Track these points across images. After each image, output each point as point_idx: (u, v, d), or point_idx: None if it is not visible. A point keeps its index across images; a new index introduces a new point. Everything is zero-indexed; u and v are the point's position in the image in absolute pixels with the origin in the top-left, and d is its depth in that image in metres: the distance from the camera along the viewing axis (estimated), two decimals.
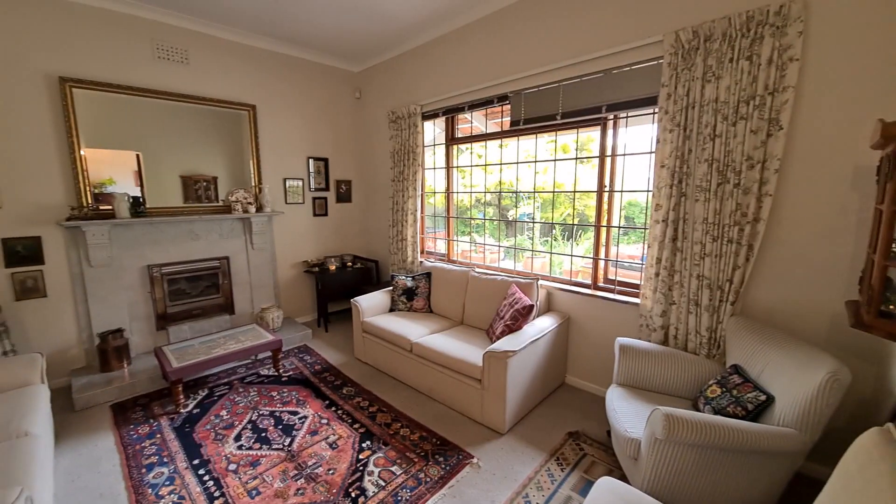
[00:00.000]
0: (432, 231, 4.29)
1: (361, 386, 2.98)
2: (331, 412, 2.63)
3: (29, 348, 2.87)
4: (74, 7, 2.88)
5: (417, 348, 2.81)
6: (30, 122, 2.79)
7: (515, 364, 2.35)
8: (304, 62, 4.10)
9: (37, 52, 2.78)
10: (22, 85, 2.75)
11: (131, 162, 3.24)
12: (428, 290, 3.48)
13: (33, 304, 2.91)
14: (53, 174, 2.91)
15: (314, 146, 4.30)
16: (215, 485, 1.99)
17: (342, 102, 4.49)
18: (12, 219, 2.79)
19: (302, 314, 4.40)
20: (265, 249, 3.97)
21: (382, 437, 2.35)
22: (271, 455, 2.21)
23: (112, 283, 3.17)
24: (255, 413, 2.62)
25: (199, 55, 3.45)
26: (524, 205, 4.77)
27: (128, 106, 3.16)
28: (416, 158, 3.78)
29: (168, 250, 3.43)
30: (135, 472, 2.09)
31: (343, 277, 4.22)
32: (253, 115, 3.76)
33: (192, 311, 3.62)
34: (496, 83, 3.16)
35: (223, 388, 2.95)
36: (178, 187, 3.46)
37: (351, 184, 4.67)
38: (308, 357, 3.50)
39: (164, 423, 2.53)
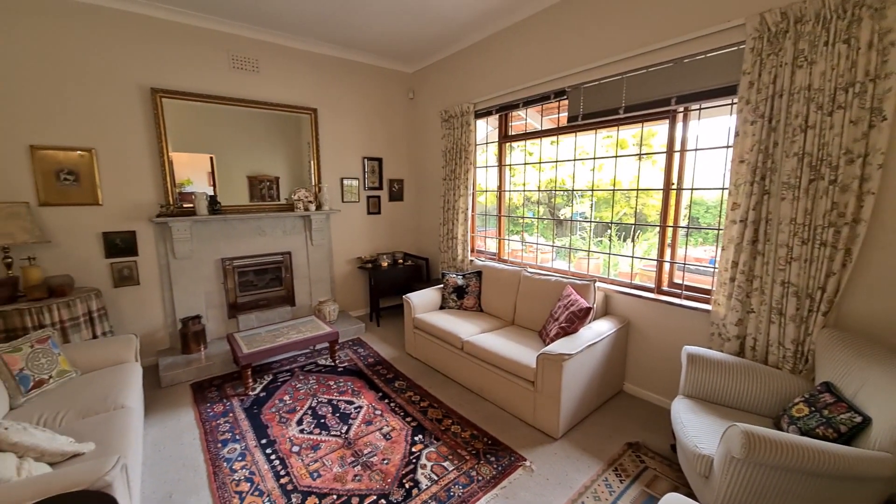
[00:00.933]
0: (482, 230, 4.27)
1: (412, 380, 3.04)
2: (384, 404, 2.71)
3: (124, 330, 3.25)
4: (165, 25, 3.20)
5: (468, 346, 2.82)
6: (128, 129, 3.15)
7: (571, 368, 2.27)
8: (361, 65, 4.25)
9: (134, 66, 3.12)
10: (122, 96, 3.10)
11: (206, 164, 3.54)
12: (478, 288, 3.47)
13: (128, 291, 3.28)
14: (146, 175, 3.26)
15: (369, 146, 4.45)
16: (281, 464, 2.13)
17: (396, 103, 4.60)
18: (112, 215, 3.16)
19: (355, 308, 4.58)
20: (323, 246, 4.18)
21: (434, 433, 2.39)
22: (330, 441, 2.32)
23: (192, 273, 3.49)
24: (314, 400, 2.76)
25: (268, 64, 3.69)
26: (578, 203, 4.61)
27: (205, 113, 3.45)
28: (468, 157, 3.78)
29: (239, 245, 3.71)
30: (212, 446, 2.29)
31: (394, 274, 4.33)
32: (314, 118, 3.96)
33: (258, 301, 3.90)
34: (553, 78, 3.07)
35: (286, 375, 3.14)
36: (245, 187, 3.73)
37: (403, 183, 4.78)
38: (361, 350, 3.63)
39: (236, 403, 2.75)
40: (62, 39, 2.84)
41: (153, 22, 3.15)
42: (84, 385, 2.21)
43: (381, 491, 1.93)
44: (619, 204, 4.18)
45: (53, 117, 2.87)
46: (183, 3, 3.08)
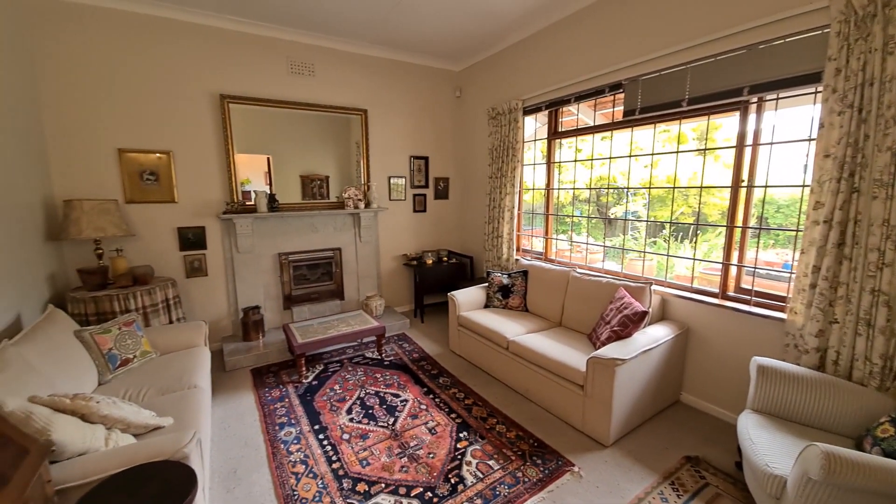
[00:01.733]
0: (528, 229, 4.20)
1: (457, 378, 3.06)
2: (429, 399, 2.75)
3: (194, 317, 3.54)
4: (233, 35, 3.44)
5: (514, 346, 2.79)
6: (200, 133, 3.42)
7: (624, 373, 2.18)
8: (409, 66, 4.32)
9: (206, 75, 3.38)
10: (195, 103, 3.38)
11: (263, 164, 3.76)
12: (524, 288, 3.42)
13: (198, 282, 3.57)
14: (214, 175, 3.53)
15: (416, 145, 4.53)
16: (332, 450, 2.23)
17: (443, 102, 4.64)
18: (186, 212, 3.46)
19: (400, 304, 4.68)
20: (370, 242, 4.31)
21: (479, 431, 2.39)
22: (378, 431, 2.39)
23: (252, 267, 3.74)
24: (362, 391, 2.86)
25: (323, 67, 3.86)
26: (630, 202, 4.40)
27: (263, 116, 3.67)
28: (516, 154, 3.73)
29: (294, 240, 3.92)
30: (270, 427, 2.45)
31: (439, 271, 4.37)
32: (364, 118, 4.09)
33: (310, 294, 4.10)
34: (607, 71, 2.95)
35: (335, 366, 3.28)
36: (298, 185, 3.93)
37: (448, 181, 4.81)
38: (406, 345, 3.71)
39: (291, 389, 2.91)
40: (145, 52, 3.14)
41: (223, 33, 3.40)
42: (162, 365, 2.45)
43: (428, 484, 1.97)
44: (676, 202, 3.93)
45: (137, 123, 3.18)
46: (248, 14, 3.30)
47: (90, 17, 2.93)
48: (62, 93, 2.91)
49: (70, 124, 2.96)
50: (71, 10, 2.87)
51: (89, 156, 3.05)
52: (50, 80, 2.86)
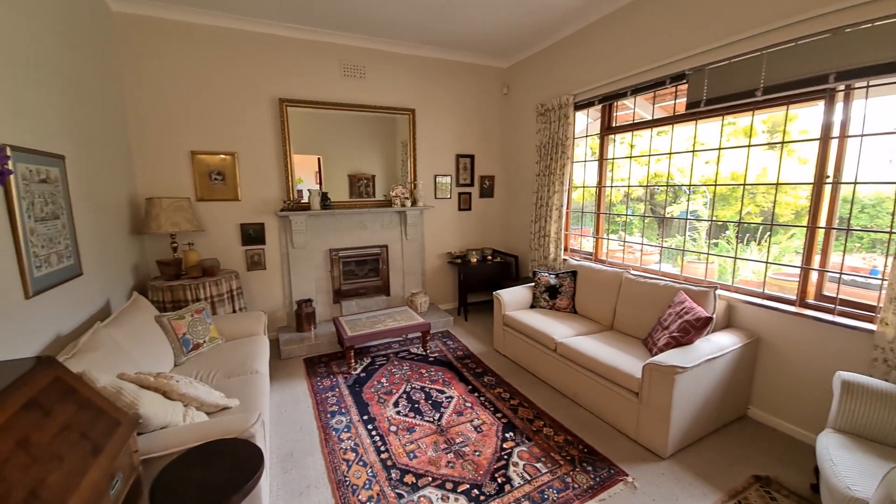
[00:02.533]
0: (576, 228, 4.07)
1: (501, 377, 3.03)
2: (473, 397, 2.75)
3: (254, 307, 3.79)
4: (291, 42, 3.62)
5: (562, 349, 2.71)
6: (261, 135, 3.64)
7: (684, 383, 2.05)
8: (456, 64, 4.34)
9: (266, 80, 3.60)
10: (257, 107, 3.60)
11: (314, 164, 3.93)
12: (573, 289, 3.32)
13: (257, 274, 3.81)
14: (273, 175, 3.74)
15: (462, 144, 4.53)
16: (381, 440, 2.29)
17: (490, 99, 4.61)
18: (247, 209, 3.70)
19: (444, 302, 4.72)
20: (416, 240, 4.38)
21: (525, 432, 2.35)
22: (424, 425, 2.43)
23: (306, 262, 3.93)
24: (408, 385, 2.92)
25: (373, 69, 3.97)
26: (689, 200, 4.13)
27: (316, 118, 3.83)
28: (566, 151, 3.63)
29: (344, 237, 4.07)
30: (322, 415, 2.56)
31: (483, 270, 4.35)
32: (412, 118, 4.16)
33: (358, 289, 4.24)
34: (669, 61, 2.78)
35: (382, 359, 3.37)
36: (346, 184, 4.07)
37: (494, 179, 4.78)
38: (450, 342, 3.73)
39: (341, 380, 3.03)
40: (215, 62, 3.39)
41: (282, 41, 3.59)
42: (227, 351, 2.64)
43: (474, 481, 1.97)
44: (742, 201, 3.63)
45: (207, 127, 3.45)
46: (306, 21, 3.46)
47: (168, 32, 3.21)
48: (143, 101, 3.22)
49: (150, 129, 3.27)
50: (151, 26, 3.16)
51: (166, 157, 3.35)
52: (133, 90, 3.17)
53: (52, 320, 1.97)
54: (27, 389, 1.07)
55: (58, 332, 2.00)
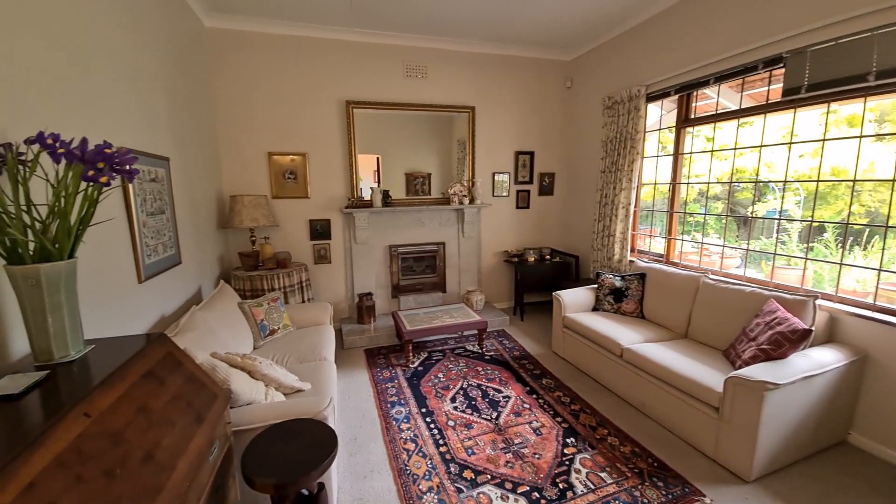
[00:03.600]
0: (644, 228, 3.82)
1: (561, 381, 2.94)
2: (532, 399, 2.69)
3: (319, 298, 4.02)
4: (357, 46, 3.78)
5: (629, 355, 2.57)
6: (329, 136, 3.85)
7: (775, 401, 1.85)
8: (517, 59, 4.26)
9: (334, 83, 3.79)
10: (326, 109, 3.80)
11: (373, 163, 4.07)
12: (641, 293, 3.12)
13: (323, 268, 4.04)
14: (338, 174, 3.94)
15: (521, 140, 4.45)
16: (439, 434, 2.32)
17: (551, 94, 4.47)
18: (316, 206, 3.93)
19: (499, 301, 4.67)
20: (473, 238, 4.38)
21: (588, 439, 2.26)
22: (481, 423, 2.42)
23: (367, 257, 4.10)
24: (464, 382, 2.93)
25: (435, 69, 4.02)
26: (781, 198, 3.71)
27: (377, 118, 3.96)
28: (635, 146, 3.42)
29: (403, 234, 4.18)
30: (383, 404, 2.66)
31: (541, 270, 4.25)
32: (472, 115, 4.16)
33: (415, 285, 4.34)
34: (762, 44, 2.51)
35: (438, 355, 3.42)
36: (403, 183, 4.16)
37: (554, 176, 4.64)
38: (506, 342, 3.69)
39: (399, 372, 3.12)
40: (289, 68, 3.63)
41: (350, 45, 3.76)
42: (298, 338, 2.82)
43: (534, 484, 1.93)
44: (842, 200, 3.18)
45: (281, 130, 3.71)
46: (372, 25, 3.59)
47: (250, 43, 3.50)
48: (229, 106, 3.53)
49: (234, 132, 3.58)
50: (236, 38, 3.45)
51: (247, 158, 3.65)
52: (221, 97, 3.50)
53: (158, 303, 2.24)
54: (145, 361, 1.22)
55: (162, 313, 2.27)
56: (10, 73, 1.29)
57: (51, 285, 1.08)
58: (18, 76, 1.32)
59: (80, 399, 0.93)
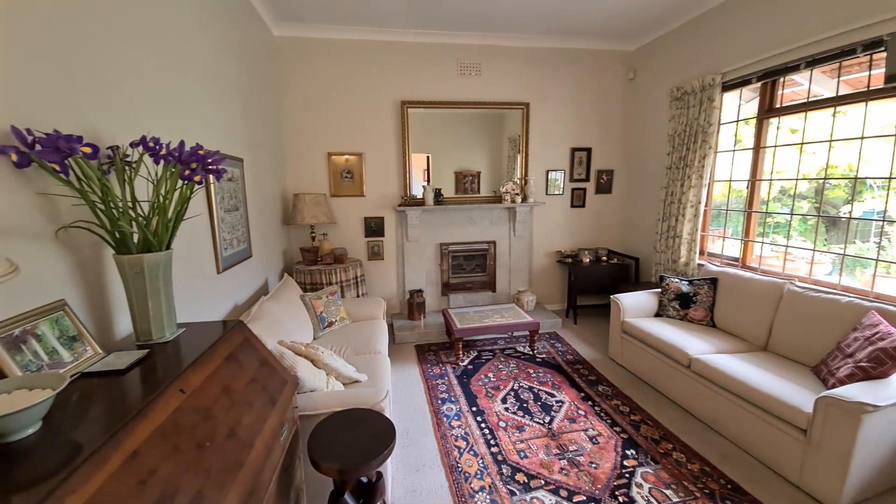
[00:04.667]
0: (716, 229, 3.51)
1: (619, 389, 2.79)
2: (587, 405, 2.59)
3: (373, 293, 4.15)
4: (412, 46, 3.84)
5: (698, 366, 2.37)
6: (384, 136, 3.95)
7: (874, 424, 1.62)
8: (575, 52, 4.10)
9: (389, 84, 3.88)
10: (381, 110, 3.91)
11: (422, 162, 4.11)
12: (711, 299, 2.88)
13: (376, 264, 4.16)
14: (392, 173, 4.04)
15: (578, 136, 4.28)
16: (490, 434, 2.30)
17: (611, 87, 4.26)
18: (370, 204, 4.05)
19: (551, 302, 4.54)
20: (524, 237, 4.30)
21: (650, 453, 2.12)
22: (533, 426, 2.37)
23: (418, 254, 4.16)
24: (515, 383, 2.88)
25: (489, 65, 3.99)
26: (878, 198, 3.25)
27: (427, 118, 4.00)
28: (707, 140, 3.16)
29: (453, 232, 4.20)
30: (434, 400, 2.69)
31: (596, 271, 4.07)
32: (526, 112, 4.07)
33: (465, 283, 4.34)
34: (859, 26, 2.20)
35: (488, 354, 3.39)
36: (452, 181, 4.16)
37: (613, 174, 4.42)
38: (559, 345, 3.57)
39: (449, 369, 3.14)
40: (348, 71, 3.78)
41: (405, 46, 3.83)
42: (354, 331, 2.93)
43: (591, 494, 1.85)
44: None
45: (340, 130, 3.87)
46: (427, 25, 3.63)
47: (313, 49, 3.68)
48: (293, 109, 3.74)
49: (297, 134, 3.79)
50: (300, 45, 3.65)
51: (308, 158, 3.85)
52: (286, 100, 3.71)
53: (232, 292, 2.43)
54: (227, 346, 1.32)
55: (235, 302, 2.46)
56: (124, 86, 1.45)
57: (151, 273, 1.21)
58: (129, 87, 1.49)
59: (176, 376, 1.03)
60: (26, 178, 1.05)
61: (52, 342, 1.02)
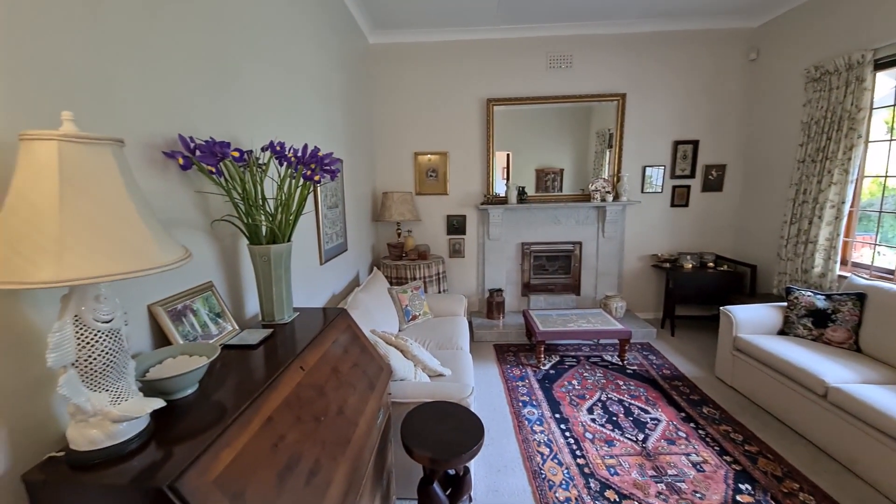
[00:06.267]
0: (865, 234, 2.90)
1: (728, 413, 2.46)
2: (688, 427, 2.32)
3: (453, 291, 4.22)
4: (499, 43, 3.79)
5: (837, 396, 1.99)
6: (468, 134, 3.98)
7: None
8: (682, 34, 3.69)
9: (476, 82, 3.88)
10: (467, 108, 3.94)
11: (503, 160, 4.03)
12: (857, 318, 2.39)
13: (457, 262, 4.22)
14: (476, 171, 4.05)
15: (683, 128, 3.86)
16: (575, 444, 2.19)
17: (726, 71, 3.75)
18: (454, 203, 4.12)
19: (643, 310, 4.18)
20: (614, 238, 4.01)
21: (770, 490, 1.83)
22: (625, 442, 2.19)
23: (498, 253, 4.13)
24: (603, 394, 2.70)
25: (581, 56, 3.78)
26: None
27: (509, 115, 3.91)
28: (855, 127, 2.62)
29: (536, 231, 4.08)
30: (514, 402, 2.64)
31: (701, 279, 3.63)
32: (622, 103, 3.78)
33: (547, 285, 4.19)
34: None
35: (571, 360, 3.23)
36: (533, 179, 4.02)
37: (725, 169, 3.90)
38: (653, 357, 3.27)
39: (530, 372, 3.06)
40: (433, 72, 3.86)
41: (493, 43, 3.80)
42: (436, 326, 3.01)
43: None
44: None
45: (426, 130, 3.98)
46: (516, 20, 3.56)
47: (403, 53, 3.84)
48: (383, 111, 3.95)
49: (386, 134, 4.00)
50: (392, 50, 3.83)
51: (396, 158, 4.04)
52: (377, 103, 3.93)
53: (330, 283, 2.65)
54: (335, 331, 1.44)
55: (333, 291, 2.68)
56: (254, 97, 1.67)
57: (276, 262, 1.36)
58: (257, 97, 1.70)
59: (296, 355, 1.15)
60: (188, 178, 1.25)
61: (204, 317, 1.20)
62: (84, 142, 0.62)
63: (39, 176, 0.60)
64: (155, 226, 0.72)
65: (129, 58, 1.03)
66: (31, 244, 0.57)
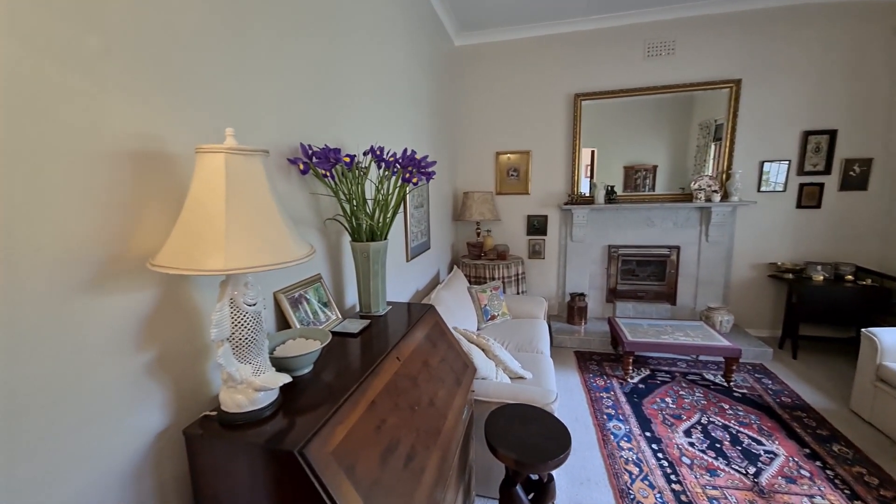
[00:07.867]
0: None
1: (863, 452, 2.05)
2: (813, 466, 1.98)
3: (531, 292, 4.13)
4: (588, 34, 3.60)
5: None
6: (553, 132, 3.85)
7: None
8: (814, 7, 3.14)
9: (562, 77, 3.74)
10: (552, 105, 3.81)
11: (586, 157, 3.80)
12: None
13: (536, 263, 4.12)
14: (560, 170, 3.90)
15: (815, 116, 3.29)
16: (670, 468, 2.00)
17: (872, 48, 3.10)
18: (534, 202, 4.02)
19: (755, 326, 3.65)
20: (721, 243, 3.56)
21: None
22: (731, 474, 1.95)
23: (582, 256, 3.93)
24: (703, 416, 2.43)
25: (684, 42, 3.43)
26: None
27: (596, 110, 3.68)
28: None
29: (626, 234, 3.80)
30: (598, 414, 2.50)
31: (834, 294, 3.06)
32: (735, 90, 3.34)
33: (636, 292, 3.89)
34: None
35: (664, 376, 2.96)
36: (620, 177, 3.73)
37: (870, 164, 3.23)
38: (767, 381, 2.84)
39: (615, 384, 2.87)
40: (516, 70, 3.80)
41: (582, 35, 3.62)
42: (515, 327, 2.97)
43: None
44: None
45: (508, 129, 3.94)
46: (609, 8, 3.35)
47: (486, 53, 3.84)
48: (466, 111, 4.00)
49: (469, 135, 4.04)
50: (476, 51, 3.86)
51: (477, 157, 4.07)
52: (460, 103, 3.99)
53: (415, 279, 2.77)
54: (425, 326, 1.51)
55: (417, 287, 2.80)
56: (355, 106, 1.81)
57: (374, 258, 1.47)
58: (358, 106, 1.84)
59: (393, 345, 1.23)
60: (304, 182, 1.41)
61: (315, 305, 1.35)
62: (243, 153, 0.74)
63: (210, 182, 0.72)
64: (290, 224, 0.83)
65: (265, 79, 1.19)
66: (206, 239, 0.70)
